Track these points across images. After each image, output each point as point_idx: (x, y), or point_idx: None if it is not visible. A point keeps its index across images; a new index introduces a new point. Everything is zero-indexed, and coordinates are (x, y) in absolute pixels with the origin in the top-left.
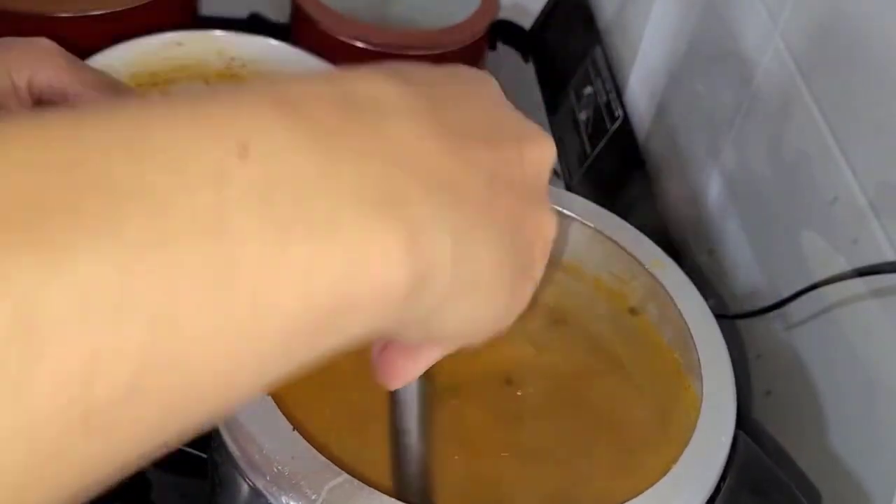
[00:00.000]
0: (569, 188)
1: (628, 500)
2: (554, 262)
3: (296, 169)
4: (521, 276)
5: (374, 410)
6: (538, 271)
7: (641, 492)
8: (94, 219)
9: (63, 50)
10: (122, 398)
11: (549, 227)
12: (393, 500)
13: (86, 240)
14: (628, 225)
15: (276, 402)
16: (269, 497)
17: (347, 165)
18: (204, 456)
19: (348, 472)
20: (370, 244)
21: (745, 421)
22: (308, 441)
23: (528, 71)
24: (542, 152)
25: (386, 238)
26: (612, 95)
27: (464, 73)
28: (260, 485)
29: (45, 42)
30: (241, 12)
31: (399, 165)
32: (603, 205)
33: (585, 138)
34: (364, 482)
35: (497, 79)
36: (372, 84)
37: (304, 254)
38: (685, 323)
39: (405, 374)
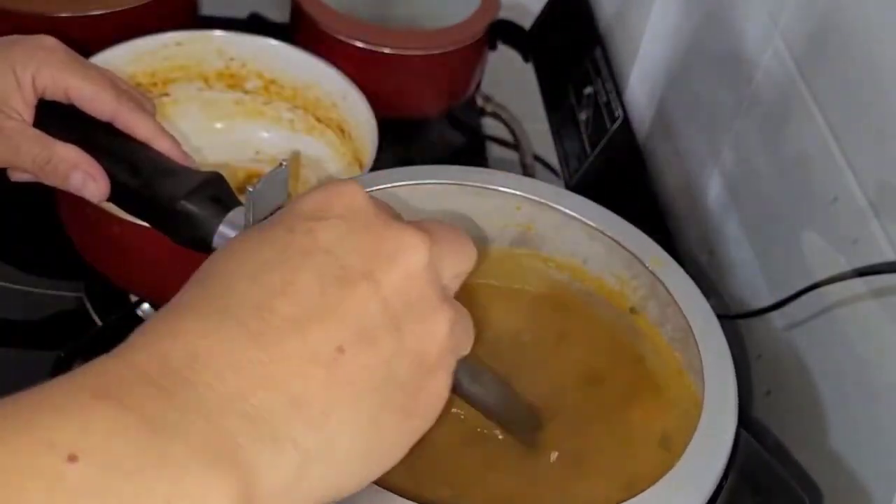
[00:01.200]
0: (569, 188)
1: (629, 499)
2: (554, 262)
3: (126, 458)
4: (408, 409)
5: None
6: (438, 379)
7: (642, 491)
8: None
9: (66, 47)
10: None
11: (438, 328)
12: (398, 497)
13: None
14: (628, 224)
15: None
16: None
17: (174, 440)
18: None
19: None
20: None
21: (745, 420)
22: None
23: (528, 71)
24: (407, 263)
25: (223, 493)
26: (612, 95)
27: (306, 216)
28: None
29: (48, 40)
30: (241, 12)
31: (223, 415)
32: (603, 204)
33: (585, 138)
34: None
35: (497, 79)
36: (186, 340)
37: None
38: (686, 321)
39: None
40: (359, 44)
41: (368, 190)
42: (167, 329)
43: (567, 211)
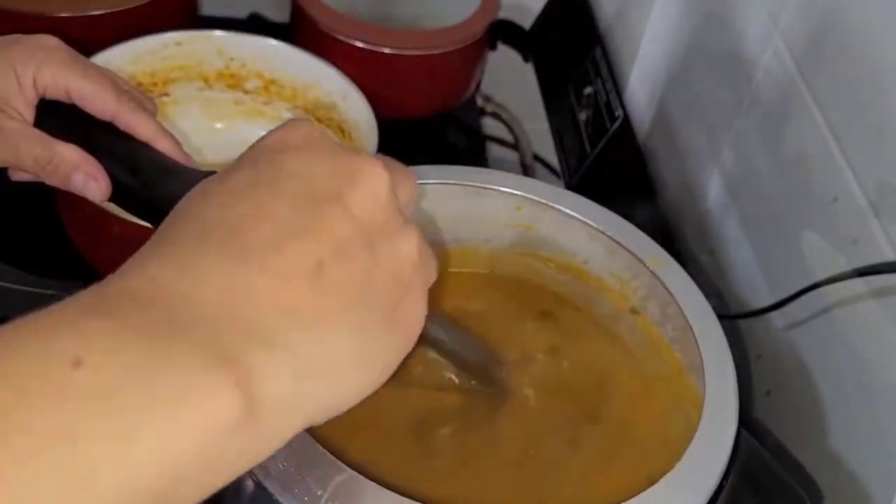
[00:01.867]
0: (569, 188)
1: (630, 498)
2: (554, 262)
3: (129, 362)
4: (390, 323)
5: (381, 408)
6: (414, 297)
7: (643, 490)
8: None
9: (67, 47)
10: None
11: (407, 246)
12: (398, 496)
13: None
14: (629, 224)
15: None
16: (274, 494)
17: (175, 343)
18: None
19: (354, 469)
20: (208, 408)
21: (746, 420)
22: (313, 437)
23: (528, 71)
24: (370, 185)
25: (226, 394)
26: (612, 95)
27: (267, 150)
28: (265, 482)
29: (49, 39)
30: (241, 12)
31: (219, 324)
32: (603, 204)
33: (585, 138)
34: (369, 478)
35: (497, 79)
36: (172, 260)
37: (153, 439)
38: (687, 321)
39: None
40: (359, 44)
41: None
42: (150, 257)
43: (567, 211)
